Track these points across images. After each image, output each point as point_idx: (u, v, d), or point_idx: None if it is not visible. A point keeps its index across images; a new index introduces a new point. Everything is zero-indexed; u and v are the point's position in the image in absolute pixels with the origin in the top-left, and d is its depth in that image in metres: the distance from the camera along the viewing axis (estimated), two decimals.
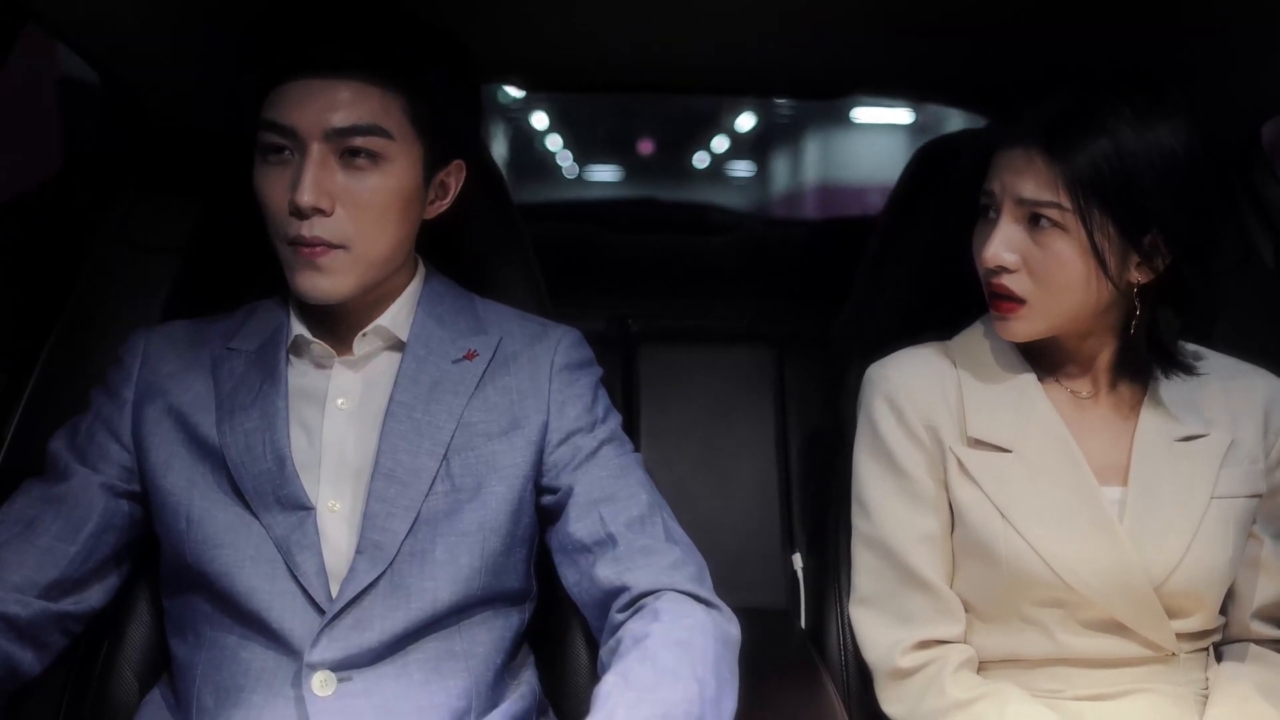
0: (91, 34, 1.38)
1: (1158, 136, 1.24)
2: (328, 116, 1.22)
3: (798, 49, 1.68)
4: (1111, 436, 1.36)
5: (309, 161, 1.22)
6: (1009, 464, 1.34)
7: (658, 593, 1.22)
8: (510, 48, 1.68)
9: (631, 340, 1.94)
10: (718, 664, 1.16)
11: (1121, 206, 1.24)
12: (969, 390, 1.38)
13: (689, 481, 1.79)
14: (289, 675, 1.19)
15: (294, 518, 1.23)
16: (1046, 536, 1.30)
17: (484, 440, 1.29)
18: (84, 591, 1.27)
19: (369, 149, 1.23)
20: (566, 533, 1.29)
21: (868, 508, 1.40)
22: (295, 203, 1.21)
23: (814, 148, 12.75)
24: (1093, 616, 1.30)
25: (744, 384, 1.89)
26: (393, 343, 1.32)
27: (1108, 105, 1.25)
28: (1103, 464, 1.34)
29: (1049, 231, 1.26)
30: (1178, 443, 1.35)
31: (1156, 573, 1.29)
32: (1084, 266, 1.26)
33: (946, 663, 1.31)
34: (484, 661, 1.27)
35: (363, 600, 1.21)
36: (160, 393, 1.30)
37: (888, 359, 1.44)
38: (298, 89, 1.23)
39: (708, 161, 15.03)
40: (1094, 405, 1.38)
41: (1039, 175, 1.26)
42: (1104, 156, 1.23)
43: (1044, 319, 1.31)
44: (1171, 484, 1.32)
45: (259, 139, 1.25)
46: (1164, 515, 1.31)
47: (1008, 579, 1.31)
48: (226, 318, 1.38)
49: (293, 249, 1.24)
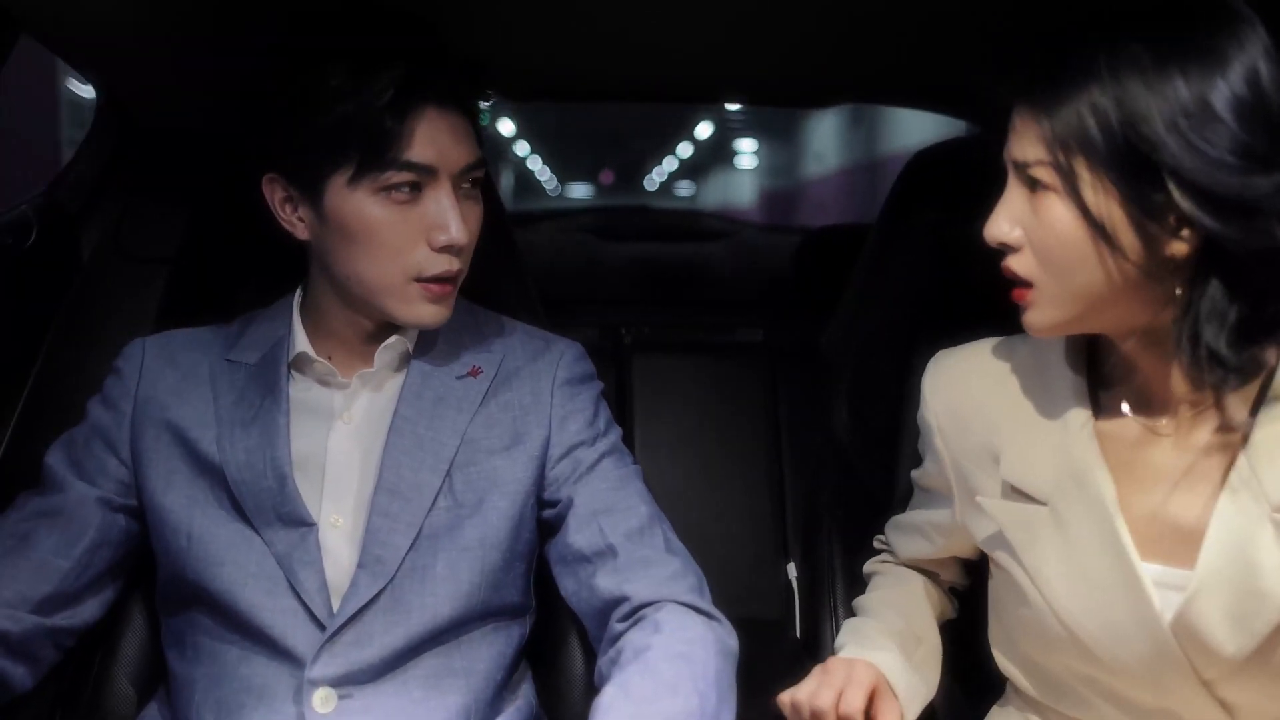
0: (84, 43, 1.37)
1: (1184, 75, 0.95)
2: (460, 153, 1.23)
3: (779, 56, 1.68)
4: (1190, 496, 1.06)
5: (448, 199, 1.22)
6: (1042, 519, 1.12)
7: (658, 604, 1.22)
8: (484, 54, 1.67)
9: (625, 351, 1.94)
10: (718, 677, 1.16)
11: (1115, 158, 0.98)
12: (1011, 420, 1.17)
13: (683, 491, 1.80)
14: (290, 692, 1.19)
15: (295, 534, 1.23)
16: (1076, 611, 1.09)
17: (486, 456, 1.28)
18: (78, 606, 1.26)
19: (478, 178, 1.26)
20: (566, 543, 1.29)
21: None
22: (449, 241, 1.21)
23: (717, 175, 20.22)
24: (1135, 698, 1.10)
25: (737, 394, 1.90)
26: (404, 355, 1.32)
27: (1109, 44, 0.99)
28: (1166, 532, 1.06)
29: (1042, 196, 1.03)
30: (1277, 514, 1.00)
31: (1210, 674, 1.04)
32: (1084, 236, 1.01)
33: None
34: (483, 677, 1.26)
35: (364, 616, 1.21)
36: (159, 407, 1.29)
37: (953, 362, 1.25)
38: (428, 125, 1.20)
39: (657, 185, 21.85)
40: (1172, 446, 1.08)
41: (1028, 131, 1.03)
42: (1093, 103, 0.98)
43: (1057, 305, 1.06)
44: (1251, 572, 1.00)
45: (382, 179, 1.20)
46: (1234, 610, 1.01)
47: (1041, 641, 1.14)
48: (223, 328, 1.37)
49: (421, 285, 1.24)
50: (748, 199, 17.66)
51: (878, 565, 1.40)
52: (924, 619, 1.31)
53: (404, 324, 1.27)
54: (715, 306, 2.56)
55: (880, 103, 2.40)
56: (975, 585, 1.34)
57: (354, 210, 1.21)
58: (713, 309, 2.51)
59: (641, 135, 17.80)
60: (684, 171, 21.79)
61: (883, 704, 1.18)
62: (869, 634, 1.25)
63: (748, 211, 15.94)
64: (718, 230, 3.59)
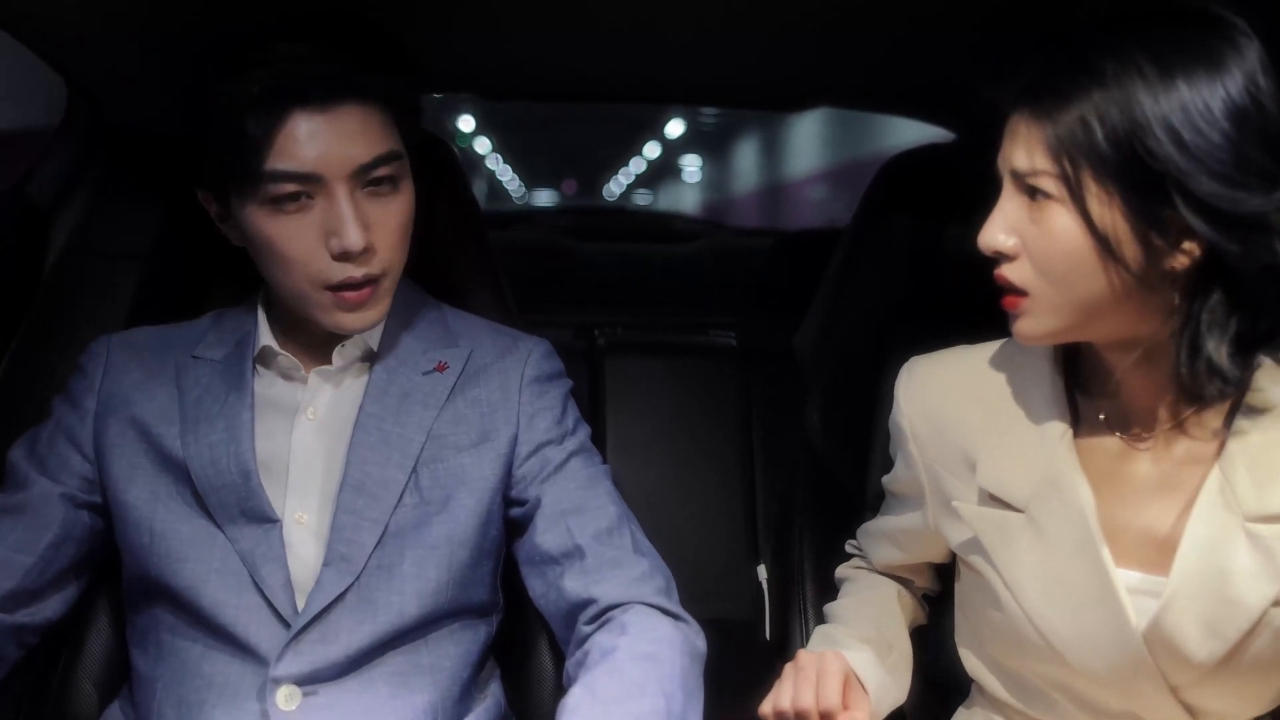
0: (55, 40, 1.36)
1: (1187, 84, 0.95)
2: (349, 154, 1.17)
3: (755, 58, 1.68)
4: (1165, 505, 1.08)
5: (343, 205, 1.17)
6: (1019, 525, 1.12)
7: (625, 605, 1.22)
8: (441, 51, 1.66)
9: (598, 352, 1.94)
10: (684, 678, 1.16)
11: (1123, 169, 0.97)
12: (988, 427, 1.16)
13: (655, 493, 1.80)
14: (253, 689, 1.18)
15: (259, 530, 1.22)
16: (1050, 616, 1.10)
17: (453, 453, 1.28)
18: (41, 603, 1.25)
19: (390, 175, 1.21)
20: (534, 544, 1.28)
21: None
22: (344, 249, 1.17)
23: (668, 185, 22.36)
24: (1102, 701, 1.12)
25: (710, 396, 1.90)
26: (366, 353, 1.31)
27: (1113, 50, 0.98)
28: (1143, 542, 1.08)
29: (1043, 205, 1.01)
30: (1250, 524, 1.03)
31: (1178, 680, 1.07)
32: (1087, 247, 0.99)
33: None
34: (450, 675, 1.26)
35: (329, 614, 1.20)
36: (123, 403, 1.28)
37: (929, 369, 1.24)
38: (303, 129, 1.16)
39: (616, 195, 23.52)
40: (1150, 456, 1.09)
41: (1030, 139, 1.02)
42: (1098, 111, 0.97)
43: (1051, 315, 1.04)
44: (1224, 580, 1.03)
45: (263, 191, 1.16)
46: (1207, 617, 1.04)
47: (1012, 645, 1.15)
48: (191, 325, 1.36)
49: (333, 294, 1.21)
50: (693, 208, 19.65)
51: (849, 570, 1.40)
52: (895, 626, 1.31)
53: (339, 331, 1.25)
54: (689, 308, 2.57)
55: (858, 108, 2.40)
56: (945, 587, 1.34)
57: (250, 223, 1.20)
58: (686, 310, 2.52)
59: (606, 143, 19.13)
60: (642, 181, 23.88)
61: (853, 695, 1.17)
62: (839, 639, 1.25)
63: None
64: (692, 232, 3.60)
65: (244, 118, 1.15)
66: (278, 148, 1.15)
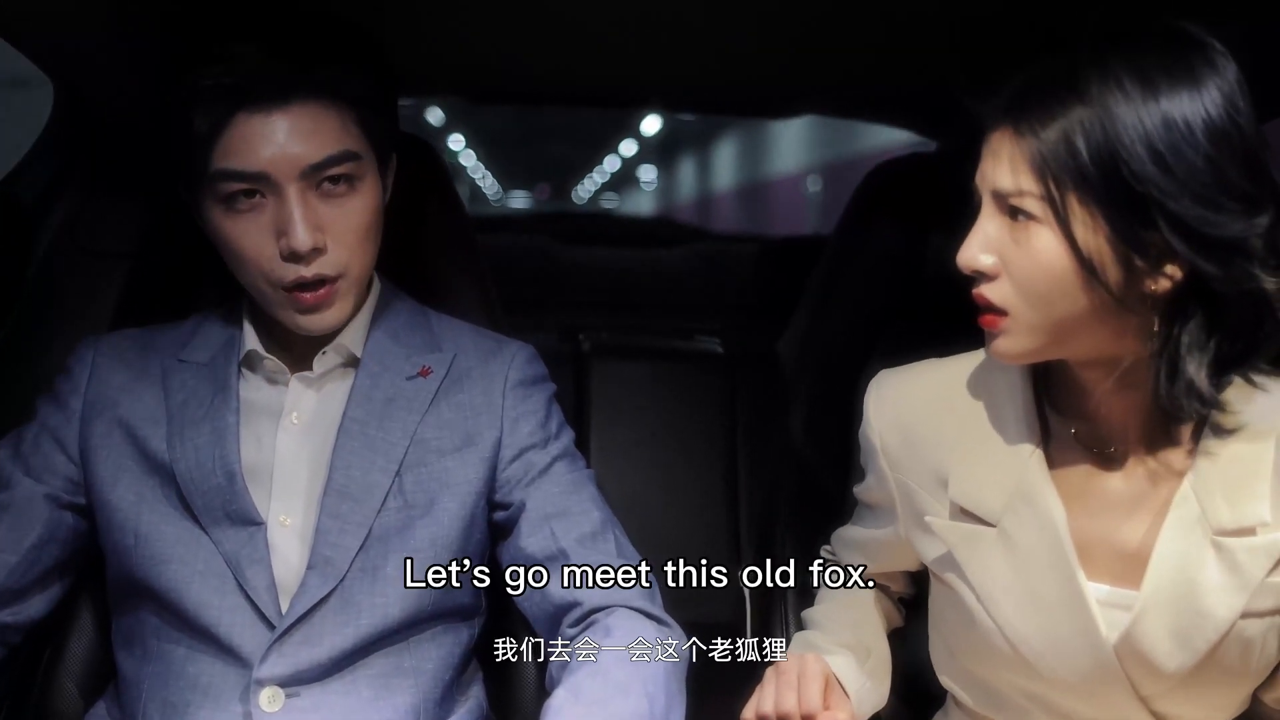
0: (40, 36, 1.36)
1: (1170, 104, 0.95)
2: (299, 154, 1.17)
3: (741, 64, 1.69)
4: (1136, 520, 1.09)
5: (293, 205, 1.17)
6: (991, 540, 1.12)
7: (609, 609, 1.22)
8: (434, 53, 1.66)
9: (584, 356, 1.95)
10: (667, 680, 1.17)
11: (1108, 191, 0.96)
12: (959, 442, 1.16)
13: (639, 497, 1.80)
14: (237, 691, 1.18)
15: (244, 533, 1.22)
16: (1023, 628, 1.11)
17: (437, 457, 1.28)
18: (24, 602, 1.25)
19: (345, 174, 1.21)
20: (518, 548, 1.28)
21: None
22: (291, 249, 1.17)
23: (635, 191, 23.47)
24: (1073, 711, 1.13)
25: (695, 400, 1.91)
26: (348, 359, 1.31)
27: (1098, 69, 0.97)
28: (1113, 556, 1.09)
29: (1025, 225, 1.00)
30: (1218, 537, 1.05)
31: (1148, 690, 1.09)
32: (1069, 268, 0.99)
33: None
34: (432, 678, 1.26)
35: (313, 616, 1.20)
36: (109, 405, 1.28)
37: (898, 383, 1.24)
38: (252, 128, 1.16)
39: (585, 199, 24.83)
40: (1121, 472, 1.10)
41: (1011, 158, 1.01)
42: (1082, 130, 0.96)
43: (1029, 334, 1.04)
44: (1194, 593, 1.05)
45: (216, 189, 1.17)
46: (1177, 629, 1.05)
47: (985, 656, 1.16)
48: (176, 327, 1.36)
49: (287, 293, 1.21)
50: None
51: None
52: (873, 631, 1.32)
53: (300, 332, 1.25)
54: (675, 313, 2.58)
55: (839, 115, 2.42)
56: (919, 595, 1.35)
57: (208, 221, 1.21)
58: (672, 315, 2.53)
59: (580, 146, 19.60)
60: (609, 185, 25.14)
61: (833, 697, 1.18)
62: (819, 645, 1.26)
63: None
64: (679, 237, 3.61)
65: (193, 116, 1.16)
66: (226, 147, 1.16)
